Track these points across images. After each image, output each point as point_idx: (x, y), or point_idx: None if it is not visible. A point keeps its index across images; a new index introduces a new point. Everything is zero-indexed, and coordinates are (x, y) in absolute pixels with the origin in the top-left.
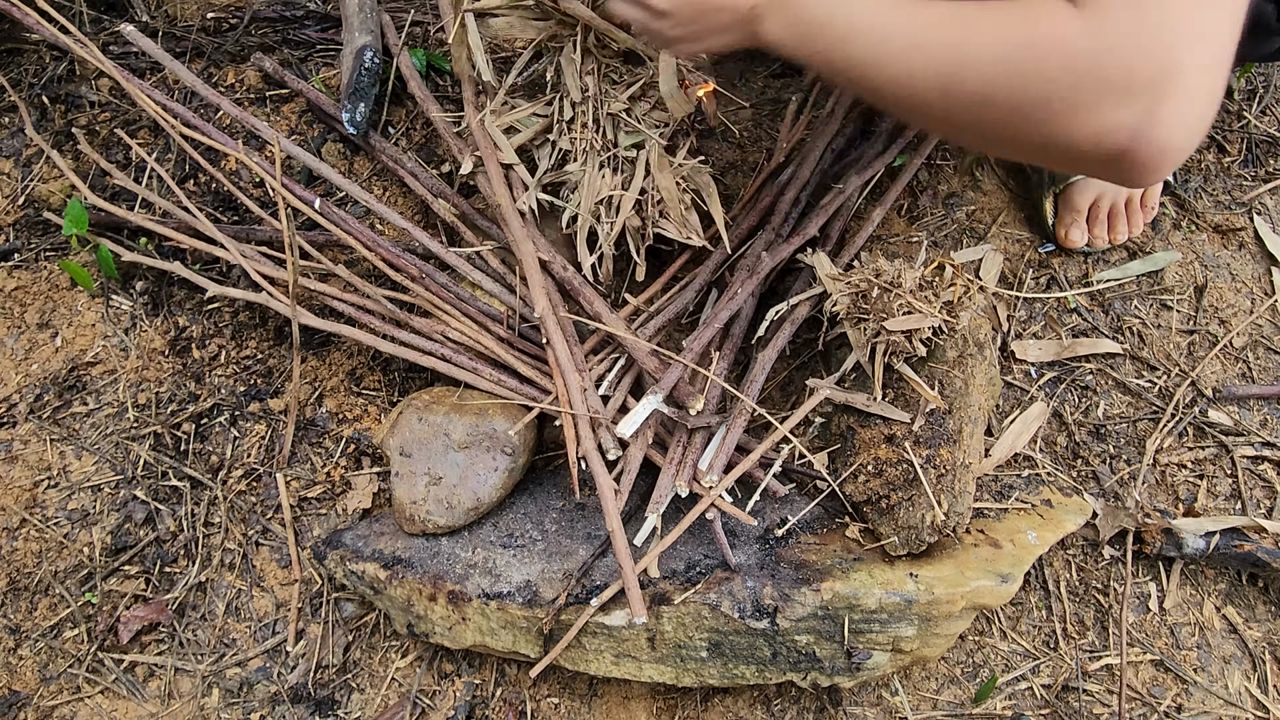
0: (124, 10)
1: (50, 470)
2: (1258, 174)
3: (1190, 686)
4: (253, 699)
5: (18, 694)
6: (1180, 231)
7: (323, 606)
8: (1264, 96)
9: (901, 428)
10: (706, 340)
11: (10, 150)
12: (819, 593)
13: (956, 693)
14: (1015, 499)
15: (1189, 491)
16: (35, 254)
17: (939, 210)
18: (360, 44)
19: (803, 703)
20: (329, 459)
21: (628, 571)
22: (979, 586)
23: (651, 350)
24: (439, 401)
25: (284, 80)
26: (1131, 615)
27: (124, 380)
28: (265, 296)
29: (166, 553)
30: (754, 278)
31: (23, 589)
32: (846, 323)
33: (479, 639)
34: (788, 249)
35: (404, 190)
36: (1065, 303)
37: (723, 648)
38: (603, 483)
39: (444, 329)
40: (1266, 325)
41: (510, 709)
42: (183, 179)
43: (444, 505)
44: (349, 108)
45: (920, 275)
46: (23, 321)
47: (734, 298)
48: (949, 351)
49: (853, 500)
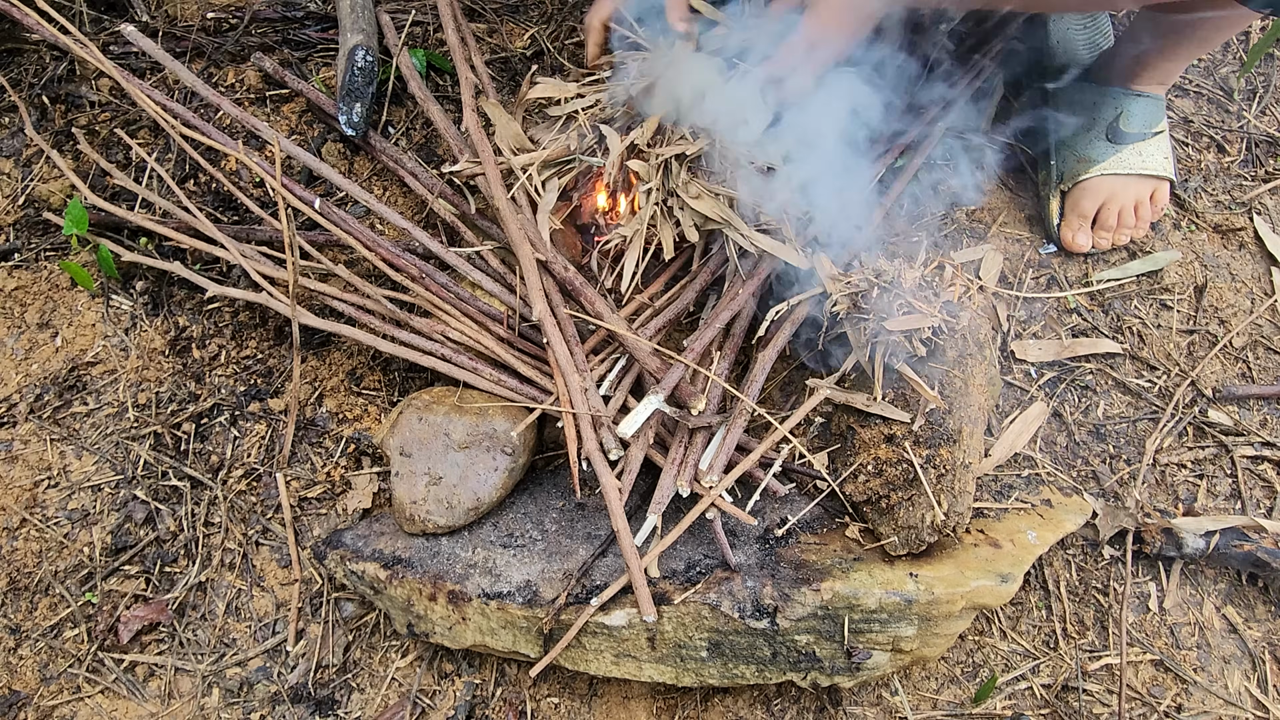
0: (124, 10)
1: (50, 470)
2: (1258, 174)
3: (1190, 686)
4: (253, 699)
5: (18, 694)
6: (1180, 231)
7: (323, 606)
8: (1264, 96)
9: (901, 428)
10: (708, 340)
11: (10, 150)
12: (819, 592)
13: (956, 692)
14: (1015, 499)
15: (1189, 491)
16: (35, 254)
17: (939, 210)
18: (352, 44)
19: (803, 703)
20: (329, 459)
21: (635, 571)
22: (979, 586)
23: (653, 350)
24: (439, 401)
25: (284, 80)
26: (1131, 615)
27: (124, 380)
28: (265, 296)
29: (166, 553)
30: (753, 279)
31: (23, 589)
32: (846, 323)
33: (479, 639)
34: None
35: (404, 190)
36: (1065, 303)
37: (723, 647)
38: (607, 483)
39: (444, 329)
40: (1266, 325)
41: (510, 709)
42: (183, 179)
43: (444, 505)
44: (344, 109)
45: (920, 275)
46: (23, 321)
47: (735, 298)
48: (949, 351)
49: (853, 500)
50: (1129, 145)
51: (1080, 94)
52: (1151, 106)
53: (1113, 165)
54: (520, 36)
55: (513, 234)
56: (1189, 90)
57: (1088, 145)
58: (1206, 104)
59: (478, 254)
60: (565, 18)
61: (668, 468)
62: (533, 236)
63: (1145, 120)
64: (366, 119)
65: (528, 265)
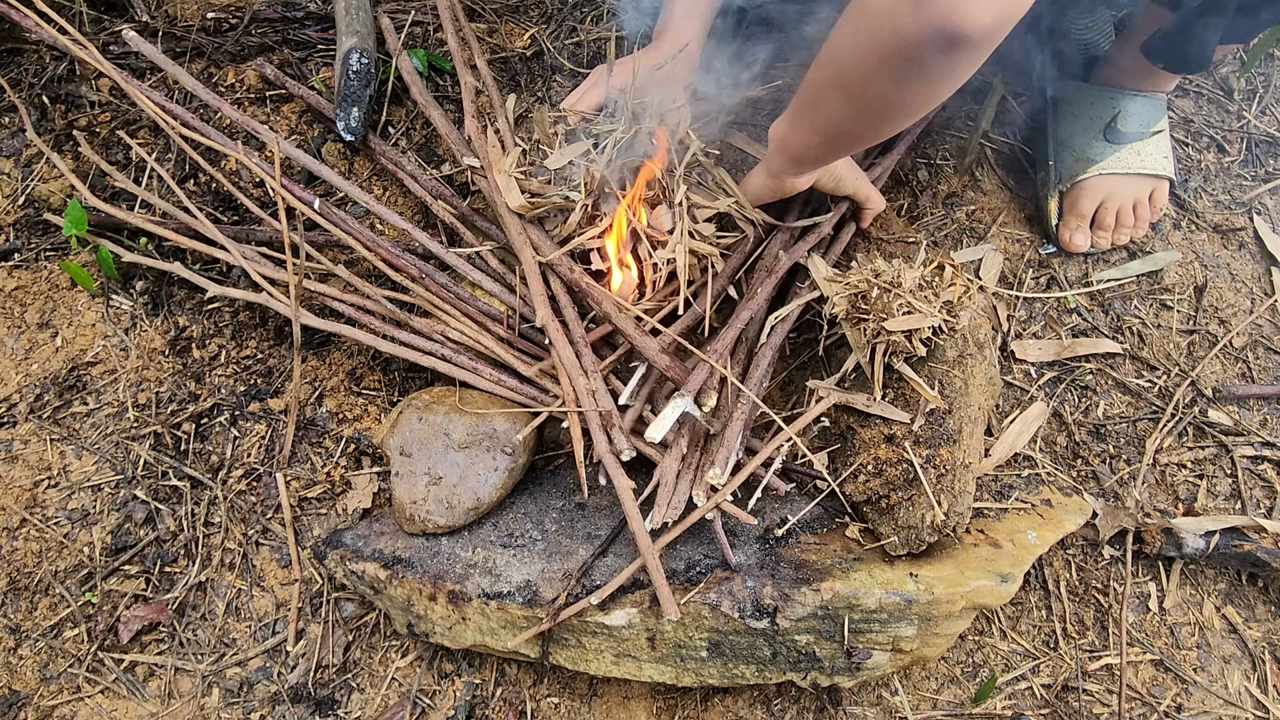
0: (124, 10)
1: (50, 470)
2: (1258, 174)
3: (1190, 686)
4: (253, 699)
5: (18, 694)
6: (1180, 231)
7: (323, 606)
8: (1264, 96)
9: (901, 428)
10: (731, 339)
11: (10, 150)
12: (819, 592)
13: (956, 692)
14: (1015, 499)
15: (1189, 491)
16: (35, 254)
17: (939, 210)
18: (346, 48)
19: (803, 703)
20: (329, 459)
21: (656, 571)
22: (979, 586)
23: (661, 349)
24: (439, 401)
25: (285, 85)
26: (1131, 615)
27: (124, 380)
28: (265, 297)
29: (166, 553)
30: (773, 277)
31: (23, 589)
32: (845, 324)
33: (479, 639)
34: (803, 247)
35: (404, 190)
36: (1065, 303)
37: (723, 647)
38: (621, 484)
39: (444, 329)
40: (1266, 325)
41: (510, 709)
42: (183, 179)
43: (444, 505)
44: (342, 115)
45: (920, 275)
46: (23, 321)
47: (754, 298)
48: (949, 351)
49: (853, 500)
50: (1127, 145)
51: (1079, 94)
52: (1150, 106)
53: (1111, 165)
54: (520, 36)
55: (514, 238)
56: (1189, 90)
57: (1086, 145)
58: (1206, 104)
59: (477, 254)
60: (565, 18)
61: (685, 473)
62: (535, 239)
63: (1143, 120)
64: (365, 123)
65: (529, 270)
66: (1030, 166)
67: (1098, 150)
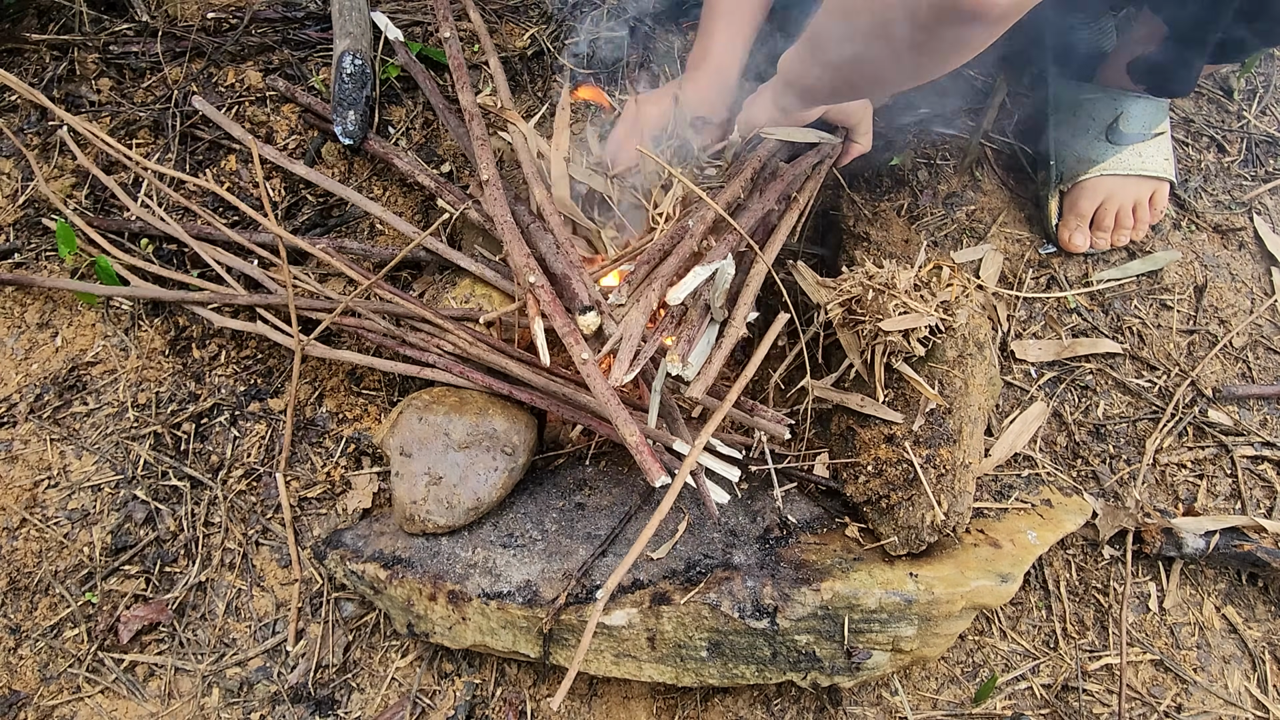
0: (124, 10)
1: (50, 470)
2: (1258, 174)
3: (1190, 686)
4: (253, 699)
5: (18, 694)
6: (1180, 231)
7: (323, 606)
8: (1264, 96)
9: (901, 428)
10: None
11: (10, 150)
12: (819, 592)
13: (956, 692)
14: (1015, 499)
15: (1189, 491)
16: (35, 254)
17: (939, 210)
18: (340, 50)
19: (803, 703)
20: (329, 459)
21: (630, 436)
22: (979, 586)
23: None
24: (439, 401)
25: (294, 96)
26: (1131, 615)
27: (124, 380)
28: (266, 328)
29: (166, 553)
30: (780, 181)
31: (23, 589)
32: (840, 330)
33: (479, 639)
34: (806, 164)
35: (404, 191)
36: (1065, 303)
37: (723, 647)
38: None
39: (438, 342)
40: (1266, 325)
41: (510, 709)
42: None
43: (444, 505)
44: (339, 119)
45: (916, 275)
46: (23, 321)
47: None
48: (949, 351)
49: (853, 500)
50: (1128, 146)
51: (1081, 95)
52: (1152, 108)
53: (1112, 165)
54: (520, 36)
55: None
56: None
57: (1087, 146)
58: (1206, 104)
59: (477, 254)
60: (565, 17)
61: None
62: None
63: (1145, 122)
64: (362, 125)
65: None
66: (1030, 166)
67: (1099, 151)
